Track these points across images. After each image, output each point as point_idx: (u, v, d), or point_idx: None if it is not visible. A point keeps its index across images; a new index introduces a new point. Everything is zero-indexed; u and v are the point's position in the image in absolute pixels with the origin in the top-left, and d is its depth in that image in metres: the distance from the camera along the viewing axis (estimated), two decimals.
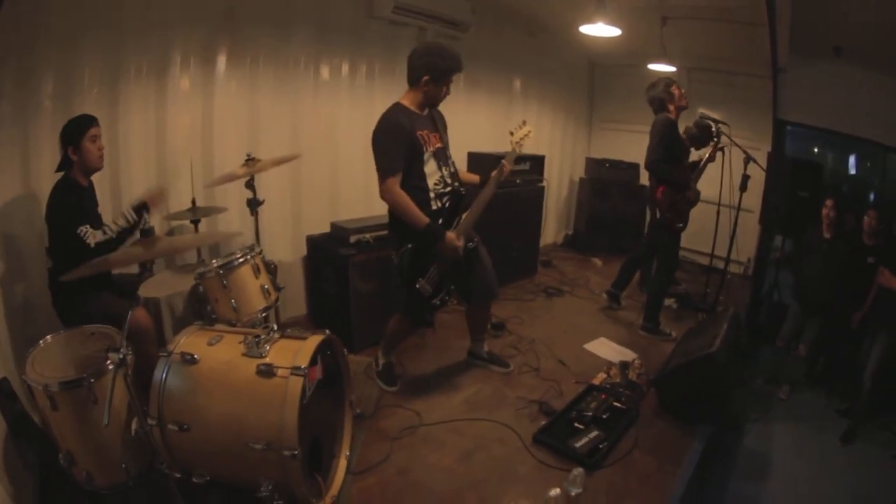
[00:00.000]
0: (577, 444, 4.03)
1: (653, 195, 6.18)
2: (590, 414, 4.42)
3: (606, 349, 6.00)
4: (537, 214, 8.17)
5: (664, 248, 6.37)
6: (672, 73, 7.80)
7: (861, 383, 6.10)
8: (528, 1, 7.54)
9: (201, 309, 4.06)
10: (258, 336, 3.17)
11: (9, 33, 3.83)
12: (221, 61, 5.22)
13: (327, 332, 3.39)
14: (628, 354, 5.76)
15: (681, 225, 6.24)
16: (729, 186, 6.83)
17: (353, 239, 5.43)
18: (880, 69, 7.66)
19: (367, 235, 5.43)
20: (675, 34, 7.47)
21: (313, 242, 5.83)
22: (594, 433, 4.19)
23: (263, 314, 4.14)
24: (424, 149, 4.18)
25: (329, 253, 5.53)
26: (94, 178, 4.00)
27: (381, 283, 5.52)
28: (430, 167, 4.25)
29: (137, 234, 3.86)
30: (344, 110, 5.92)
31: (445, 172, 4.36)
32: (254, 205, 4.60)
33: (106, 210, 4.27)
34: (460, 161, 6.71)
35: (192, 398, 3.01)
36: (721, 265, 7.64)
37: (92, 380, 2.83)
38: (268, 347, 3.11)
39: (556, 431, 4.25)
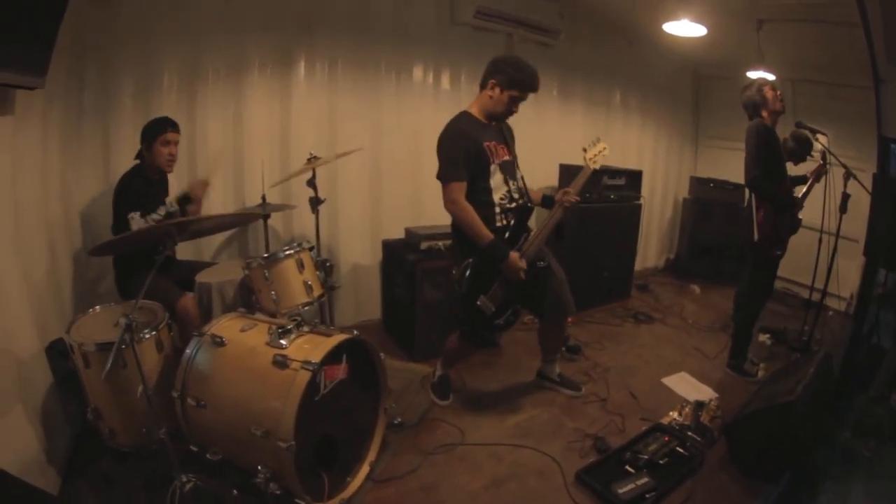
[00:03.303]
0: (621, 490, 3.79)
1: (750, 215, 5.80)
2: (645, 457, 4.19)
3: (685, 385, 5.76)
4: (633, 234, 8.00)
5: (755, 274, 6.02)
6: (773, 81, 7.53)
7: None
8: (613, 3, 7.36)
9: (248, 298, 4.30)
10: (283, 327, 3.33)
11: (92, 33, 4.40)
12: (300, 65, 5.52)
13: (355, 332, 3.47)
14: (707, 393, 5.50)
15: (778, 252, 5.96)
16: (829, 208, 6.52)
17: (423, 245, 5.46)
18: None
19: (440, 243, 5.43)
20: (772, 39, 7.22)
21: (389, 247, 5.89)
22: (643, 480, 3.93)
23: (304, 308, 4.19)
24: (491, 160, 4.13)
25: (400, 258, 5.59)
26: (173, 176, 4.58)
27: (449, 293, 5.48)
28: (497, 180, 4.20)
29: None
30: (427, 116, 6.01)
31: (513, 186, 4.30)
32: (315, 203, 4.74)
33: None
34: (552, 174, 6.77)
35: (213, 378, 3.28)
36: (828, 301, 7.41)
37: (123, 346, 3.00)
38: (290, 339, 3.26)
39: (603, 472, 4.03)
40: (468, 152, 4.04)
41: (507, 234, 4.19)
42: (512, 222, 4.26)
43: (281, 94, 5.42)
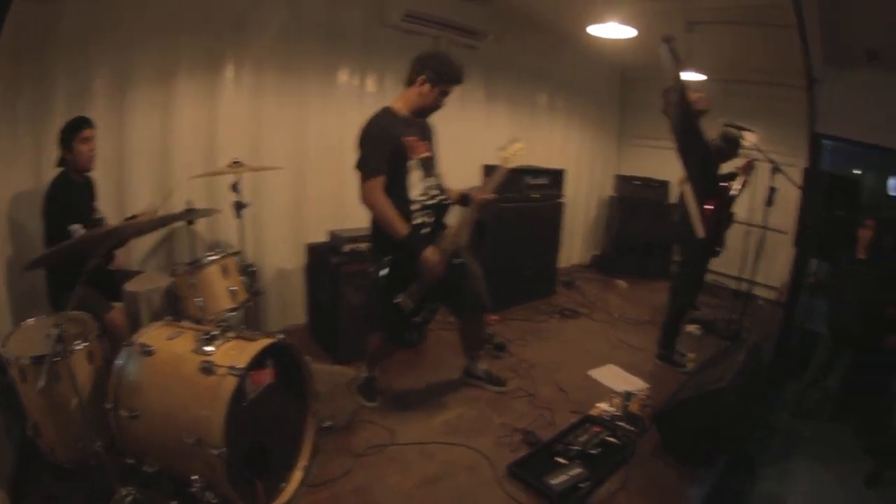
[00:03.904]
0: (554, 481, 3.86)
1: (686, 212, 5.79)
2: (577, 448, 4.27)
3: (613, 377, 5.88)
4: (556, 232, 8.18)
5: (693, 269, 6.20)
6: (701, 82, 7.77)
7: (890, 422, 6.02)
8: (541, 6, 7.47)
9: (175, 305, 4.25)
10: (208, 334, 3.32)
11: (23, 35, 4.22)
12: (227, 68, 5.46)
13: (280, 336, 3.48)
14: (636, 384, 5.65)
15: (718, 248, 6.13)
16: (754, 202, 6.78)
17: (346, 248, 5.47)
18: None
19: (362, 245, 5.43)
20: (703, 41, 7.42)
21: (313, 250, 5.89)
22: (576, 470, 4.00)
23: (230, 314, 4.19)
24: (410, 156, 4.18)
25: (324, 261, 5.59)
26: (100, 177, 4.53)
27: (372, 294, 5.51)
28: (415, 177, 4.24)
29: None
30: (352, 119, 5.91)
31: (431, 183, 4.35)
32: (239, 208, 4.71)
33: (109, 208, 4.65)
34: (475, 174, 6.83)
35: (143, 388, 3.23)
36: (756, 291, 7.62)
37: (56, 358, 3.01)
38: (216, 345, 3.26)
39: (534, 465, 4.09)
40: (388, 147, 4.08)
41: (424, 231, 4.25)
42: (429, 219, 4.32)
43: (209, 99, 5.38)
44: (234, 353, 3.17)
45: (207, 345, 3.23)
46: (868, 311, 6.19)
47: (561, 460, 4.15)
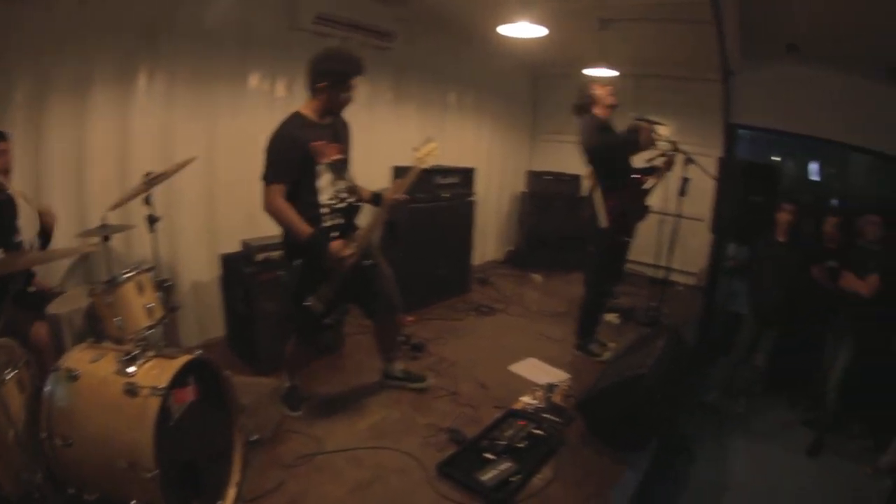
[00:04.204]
0: (484, 478, 3.92)
1: (592, 203, 6.04)
2: (504, 443, 4.33)
3: (534, 370, 5.96)
4: (468, 230, 8.24)
5: (603, 259, 6.27)
6: (613, 78, 7.88)
7: (825, 393, 6.24)
8: (451, 7, 7.55)
9: (96, 326, 4.12)
10: (128, 354, 3.24)
11: None
12: (140, 76, 5.30)
13: (198, 352, 3.44)
14: (558, 375, 5.74)
15: (626, 238, 6.27)
16: (667, 192, 6.93)
17: (259, 257, 5.43)
18: (838, 65, 7.86)
19: (274, 253, 5.39)
20: (617, 38, 7.60)
21: (226, 261, 5.80)
22: (506, 464, 4.07)
23: (149, 332, 4.10)
24: (318, 160, 4.19)
25: (237, 271, 5.54)
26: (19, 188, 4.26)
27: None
28: (325, 180, 4.25)
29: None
30: (262, 125, 5.82)
31: (342, 186, 4.37)
32: (151, 221, 4.59)
33: (30, 226, 4.40)
34: (385, 175, 6.89)
35: (73, 414, 3.13)
36: (675, 278, 7.81)
37: None
38: (138, 365, 3.19)
39: (463, 462, 4.13)
40: (293, 154, 4.10)
41: (334, 234, 4.26)
42: (340, 222, 4.35)
43: (122, 109, 5.23)
44: (155, 373, 3.13)
45: (129, 366, 3.17)
46: (789, 291, 6.43)
47: (489, 456, 4.20)
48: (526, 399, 5.20)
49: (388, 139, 7.60)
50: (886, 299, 5.99)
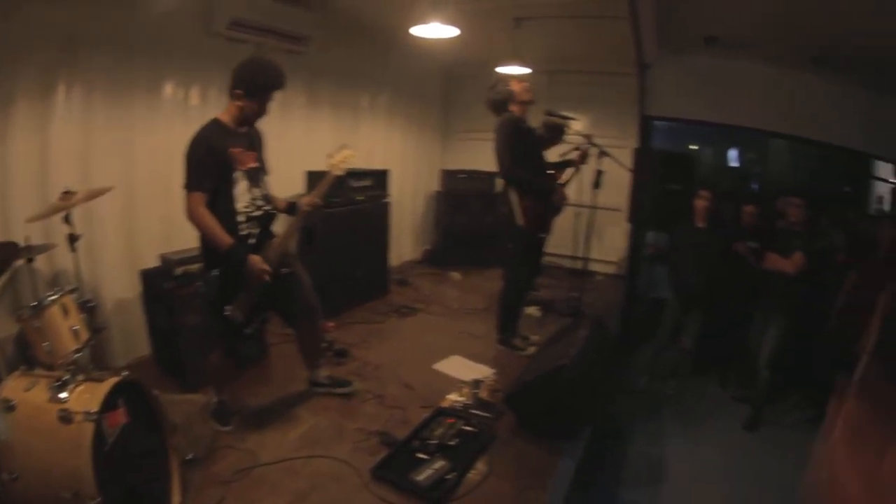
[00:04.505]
0: (420, 477, 3.95)
1: (509, 201, 6.13)
2: (435, 442, 4.39)
3: (459, 368, 6.04)
4: (384, 231, 8.30)
5: (521, 255, 6.37)
6: (527, 75, 7.78)
7: (757, 369, 6.49)
8: (364, 10, 7.59)
9: (26, 352, 4.05)
10: (59, 380, 3.20)
11: None
12: (59, 90, 5.17)
13: (125, 373, 3.42)
14: (483, 371, 5.81)
15: (543, 235, 6.39)
16: (582, 184, 7.07)
17: (178, 271, 5.35)
18: (759, 55, 8.17)
19: (193, 266, 5.33)
20: (531, 36, 7.72)
21: (146, 277, 5.70)
22: (439, 463, 4.12)
23: (77, 355, 4.02)
24: (235, 167, 4.20)
25: (157, 287, 5.47)
26: None
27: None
28: (241, 188, 4.27)
29: None
30: (178, 134, 5.69)
31: (257, 194, 4.40)
32: (72, 240, 4.49)
33: None
34: (298, 181, 6.82)
35: (15, 446, 3.06)
36: (595, 268, 7.99)
37: None
38: (69, 391, 3.15)
39: (397, 464, 4.16)
40: (212, 161, 4.10)
41: (251, 242, 4.30)
42: (256, 230, 4.37)
43: (42, 123, 5.06)
44: (86, 397, 3.10)
45: (61, 391, 3.12)
46: (710, 274, 6.66)
47: (422, 456, 4.25)
48: (453, 397, 5.25)
49: (301, 145, 7.58)
50: (810, 277, 6.29)
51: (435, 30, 5.93)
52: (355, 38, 8.34)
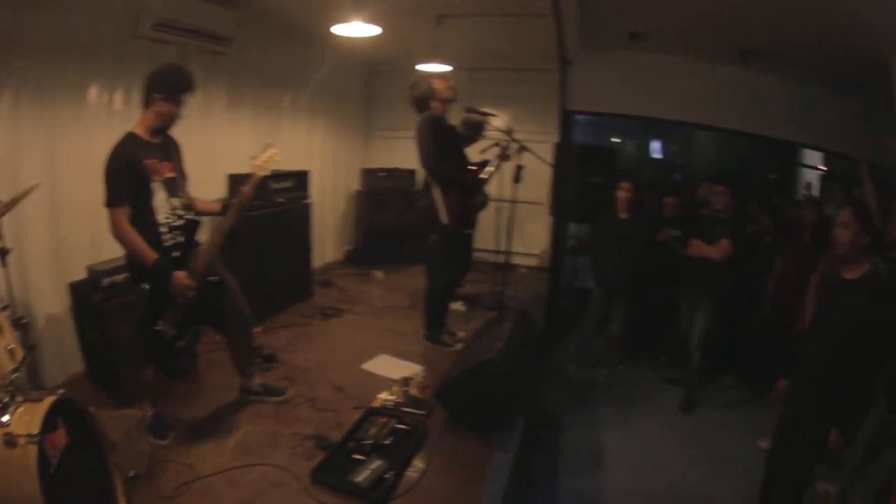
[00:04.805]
0: (359, 478, 4.03)
1: (432, 199, 6.25)
2: (370, 442, 4.45)
3: (388, 366, 6.13)
4: (306, 233, 8.33)
5: (446, 252, 6.51)
6: (448, 73, 8.05)
7: (688, 353, 6.74)
8: (287, 8, 7.57)
9: None
10: (0, 402, 3.14)
11: None
12: None
13: (60, 391, 3.40)
14: (412, 369, 5.93)
15: (468, 231, 6.54)
16: (503, 180, 7.28)
17: (106, 282, 5.31)
18: (684, 51, 8.45)
19: (119, 276, 5.30)
20: (453, 33, 7.84)
21: (74, 290, 5.63)
22: (376, 463, 4.20)
23: (14, 375, 4.01)
24: (151, 179, 4.22)
25: (86, 300, 5.42)
26: None
27: None
28: (160, 199, 4.28)
29: None
30: (103, 141, 5.56)
31: (178, 203, 4.40)
32: (2, 255, 4.42)
33: None
34: (221, 185, 6.76)
35: None
36: (518, 261, 8.36)
37: None
38: (11, 413, 3.09)
39: (334, 467, 4.21)
40: (129, 174, 4.11)
41: (175, 254, 4.33)
42: (179, 240, 4.38)
43: None
44: (27, 419, 3.04)
45: (2, 415, 3.06)
46: (633, 263, 6.90)
47: (358, 457, 4.32)
48: (383, 396, 5.34)
49: (223, 147, 7.50)
50: (739, 262, 6.57)
51: (357, 28, 5.98)
52: (277, 37, 8.32)
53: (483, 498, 4.12)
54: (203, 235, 4.64)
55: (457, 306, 7.79)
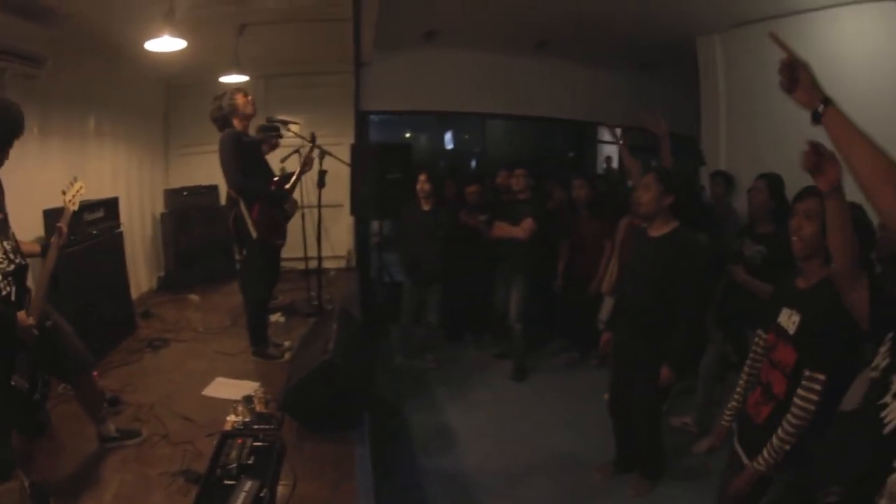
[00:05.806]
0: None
1: (240, 213, 6.41)
2: (234, 465, 4.48)
3: (227, 388, 6.24)
4: (121, 264, 8.20)
5: (259, 266, 6.73)
6: (245, 83, 8.25)
7: (509, 326, 7.35)
8: (101, 25, 7.21)
9: None
10: None
11: None
12: None
13: None
14: (250, 386, 6.00)
15: (280, 242, 6.79)
16: (306, 186, 7.63)
17: None
18: (478, 46, 9.04)
19: None
20: (252, 42, 8.03)
21: None
22: (248, 484, 4.21)
23: None
24: None
25: None
26: None
27: None
28: None
29: None
30: None
31: (8, 247, 4.21)
32: None
33: None
34: (37, 223, 6.61)
35: None
36: (327, 264, 8.89)
37: None
38: None
39: (211, 498, 4.23)
40: None
41: (11, 301, 4.08)
42: (12, 287, 4.13)
43: None
44: None
45: None
46: (440, 252, 7.43)
47: (229, 482, 4.37)
48: (232, 418, 5.42)
49: (35, 181, 6.88)
50: (540, 238, 7.23)
51: (166, 43, 6.05)
52: (87, 56, 7.97)
53: (357, 494, 4.34)
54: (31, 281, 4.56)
55: (276, 318, 8.08)
